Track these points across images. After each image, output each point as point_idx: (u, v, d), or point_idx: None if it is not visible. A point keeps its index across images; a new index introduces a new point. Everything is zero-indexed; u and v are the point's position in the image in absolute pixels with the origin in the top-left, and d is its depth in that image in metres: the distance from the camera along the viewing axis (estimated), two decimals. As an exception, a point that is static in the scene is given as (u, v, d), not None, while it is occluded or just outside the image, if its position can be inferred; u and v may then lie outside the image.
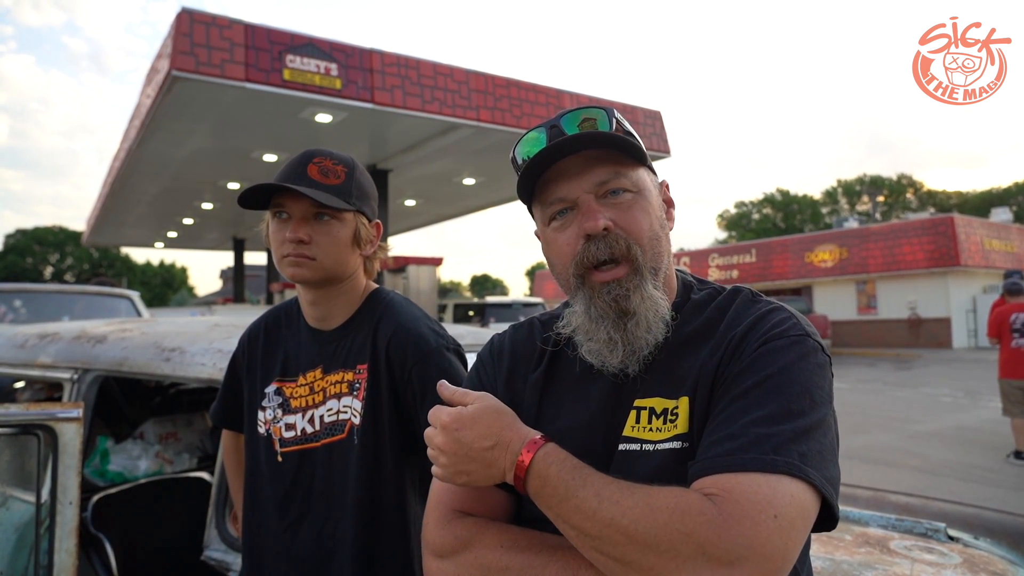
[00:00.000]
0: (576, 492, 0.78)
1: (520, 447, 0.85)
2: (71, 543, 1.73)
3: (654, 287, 0.94)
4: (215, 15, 9.18)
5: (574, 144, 0.93)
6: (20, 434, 1.73)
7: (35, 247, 54.93)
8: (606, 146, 0.94)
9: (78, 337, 2.46)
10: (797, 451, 0.77)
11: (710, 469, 0.79)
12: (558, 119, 0.97)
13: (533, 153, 0.96)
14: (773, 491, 0.74)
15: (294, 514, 1.45)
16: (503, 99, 11.82)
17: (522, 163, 0.99)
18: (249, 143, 12.37)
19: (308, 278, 1.41)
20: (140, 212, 18.81)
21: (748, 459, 0.77)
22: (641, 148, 0.96)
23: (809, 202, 55.54)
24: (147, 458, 3.03)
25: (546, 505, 0.82)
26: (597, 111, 0.97)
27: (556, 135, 0.96)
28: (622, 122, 0.98)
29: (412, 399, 1.41)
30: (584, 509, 0.77)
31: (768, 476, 0.75)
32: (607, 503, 0.76)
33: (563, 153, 0.94)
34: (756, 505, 0.73)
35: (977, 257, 22.92)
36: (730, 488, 0.75)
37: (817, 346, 0.89)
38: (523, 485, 0.84)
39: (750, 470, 0.76)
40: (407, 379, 1.42)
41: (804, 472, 0.76)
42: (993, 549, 1.85)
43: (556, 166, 0.95)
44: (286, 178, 1.38)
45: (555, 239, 0.98)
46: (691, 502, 0.74)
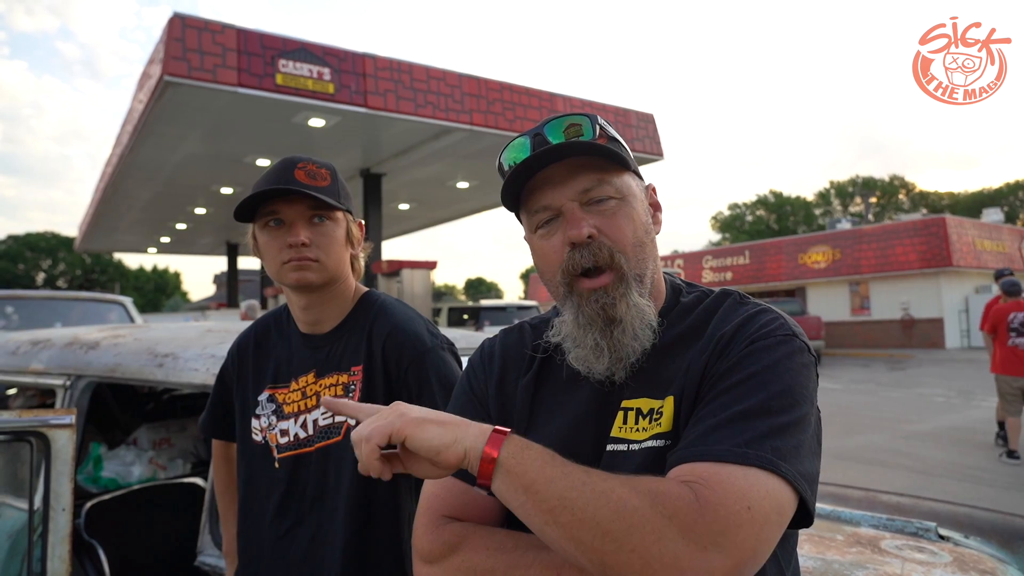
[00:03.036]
0: (565, 464, 0.77)
1: (486, 432, 0.79)
2: (64, 550, 1.72)
3: (639, 294, 0.95)
4: (207, 20, 9.18)
5: (557, 153, 0.94)
6: (12, 441, 1.73)
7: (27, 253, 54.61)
8: (589, 154, 0.95)
9: (70, 343, 2.46)
10: (771, 445, 0.78)
11: (686, 458, 0.80)
12: (541, 127, 0.98)
13: (518, 160, 0.97)
14: (748, 483, 0.75)
15: (290, 520, 1.45)
16: (496, 103, 11.85)
17: (508, 170, 0.99)
18: (242, 148, 12.35)
19: (313, 281, 1.41)
20: (133, 217, 18.75)
21: (722, 450, 0.78)
22: (624, 155, 0.97)
23: (802, 204, 55.78)
24: (140, 464, 3.03)
25: (520, 484, 0.76)
26: (581, 118, 0.97)
27: (540, 143, 0.96)
28: (606, 128, 0.98)
29: (408, 398, 1.42)
30: (574, 479, 0.74)
31: (743, 468, 0.76)
32: (595, 478, 0.75)
33: (547, 161, 0.94)
34: (731, 495, 0.73)
35: (969, 258, 23.04)
36: (706, 477, 0.76)
37: (803, 346, 0.91)
38: (492, 467, 0.76)
39: (723, 460, 0.77)
40: (403, 379, 1.42)
41: (776, 466, 0.77)
42: (983, 548, 1.86)
43: (541, 174, 0.96)
44: (275, 184, 1.37)
45: (541, 247, 0.99)
46: (670, 487, 0.75)
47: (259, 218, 1.42)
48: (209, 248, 25.50)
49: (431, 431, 0.78)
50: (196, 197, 16.37)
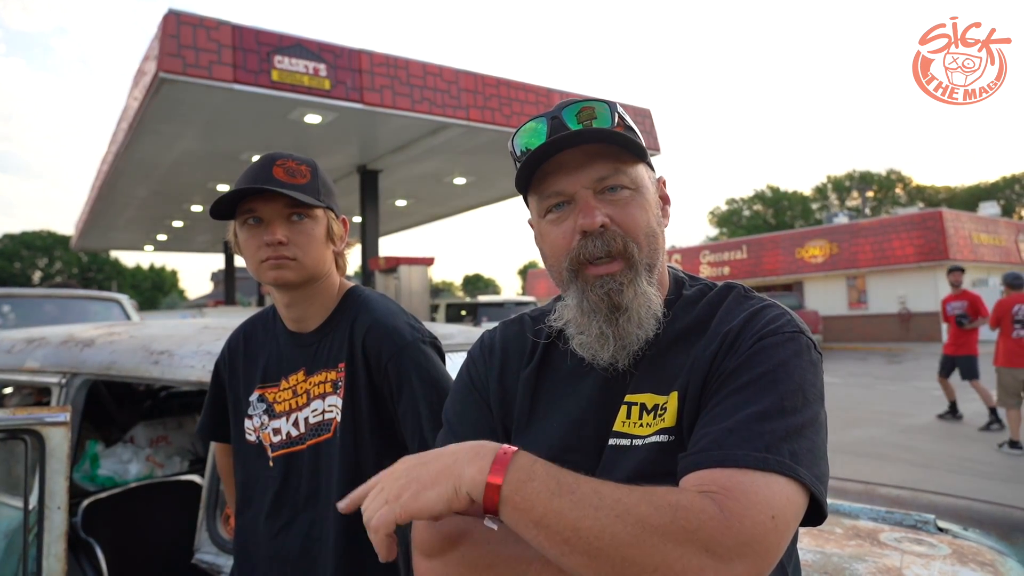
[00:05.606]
0: (574, 488, 0.73)
1: (493, 451, 0.76)
2: (60, 549, 1.71)
3: (648, 283, 0.94)
4: (202, 16, 9.12)
5: (575, 139, 0.92)
6: (7, 439, 1.72)
7: (23, 252, 54.51)
8: (607, 142, 0.93)
9: (66, 341, 2.44)
10: (789, 449, 0.78)
11: (703, 463, 0.79)
12: (559, 110, 0.96)
13: (532, 144, 0.95)
14: (771, 491, 0.75)
15: (284, 518, 1.45)
16: (493, 98, 11.81)
17: (521, 154, 0.98)
18: (238, 145, 12.30)
19: (291, 279, 1.40)
20: (129, 215, 18.69)
21: (741, 455, 0.77)
22: (641, 145, 0.95)
23: (799, 198, 55.86)
24: (137, 462, 3.02)
25: (529, 519, 0.72)
26: (599, 103, 0.96)
27: (557, 126, 0.94)
28: (624, 117, 0.97)
29: (389, 393, 1.42)
30: (586, 505, 0.71)
31: (764, 475, 0.75)
32: (610, 499, 0.72)
33: (562, 147, 0.93)
34: (756, 505, 0.73)
35: (966, 251, 23.08)
36: (728, 486, 0.75)
37: (810, 344, 0.90)
38: (497, 493, 0.73)
39: (743, 466, 0.76)
40: (383, 373, 1.41)
41: (795, 472, 0.77)
42: (982, 540, 1.86)
43: (555, 159, 0.94)
44: (253, 182, 1.36)
45: (550, 232, 0.98)
46: (692, 500, 0.73)
47: (239, 216, 1.42)
48: (206, 246, 25.43)
49: (428, 497, 0.75)
50: (192, 194, 16.32)
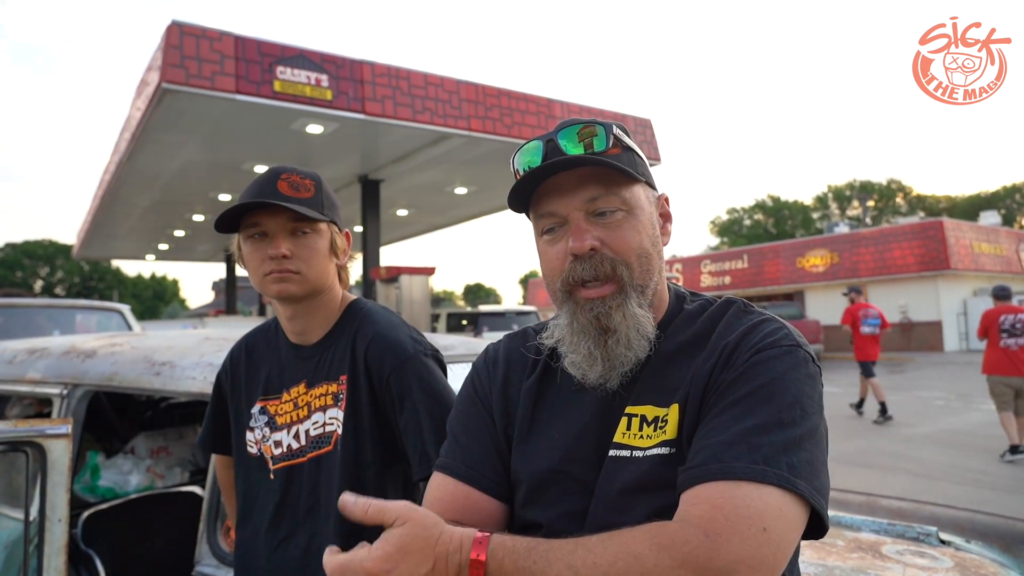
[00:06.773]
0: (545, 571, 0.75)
1: (468, 547, 0.77)
2: (60, 561, 1.71)
3: (639, 305, 0.95)
4: (205, 27, 9.18)
5: (566, 165, 0.94)
6: (8, 451, 1.72)
7: (25, 261, 54.58)
8: (597, 167, 0.94)
9: (67, 352, 2.45)
10: (787, 462, 0.79)
11: (700, 477, 0.80)
12: (555, 133, 0.98)
13: (530, 165, 0.97)
14: (763, 504, 0.75)
15: (285, 530, 1.45)
16: (494, 108, 11.86)
17: (521, 173, 0.99)
18: (240, 155, 12.36)
19: (295, 293, 1.41)
20: (131, 225, 18.74)
21: (739, 468, 0.78)
22: (631, 169, 0.95)
23: (800, 208, 55.87)
24: (138, 473, 3.01)
25: None
26: (596, 126, 0.97)
27: (552, 149, 0.96)
28: (621, 138, 0.98)
29: (391, 405, 1.42)
30: None
31: (759, 487, 0.76)
32: (585, 568, 0.74)
33: (556, 169, 0.94)
34: (745, 520, 0.74)
35: (967, 260, 23.07)
36: (720, 503, 0.76)
37: (808, 357, 0.91)
38: None
39: (740, 479, 0.77)
40: (385, 386, 1.41)
41: (793, 484, 0.77)
42: (985, 552, 1.85)
43: (550, 180, 0.96)
44: (257, 196, 1.37)
45: (546, 252, 1.00)
46: (672, 534, 0.74)
47: (243, 229, 1.42)
48: (207, 255, 25.48)
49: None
50: (194, 204, 16.37)
